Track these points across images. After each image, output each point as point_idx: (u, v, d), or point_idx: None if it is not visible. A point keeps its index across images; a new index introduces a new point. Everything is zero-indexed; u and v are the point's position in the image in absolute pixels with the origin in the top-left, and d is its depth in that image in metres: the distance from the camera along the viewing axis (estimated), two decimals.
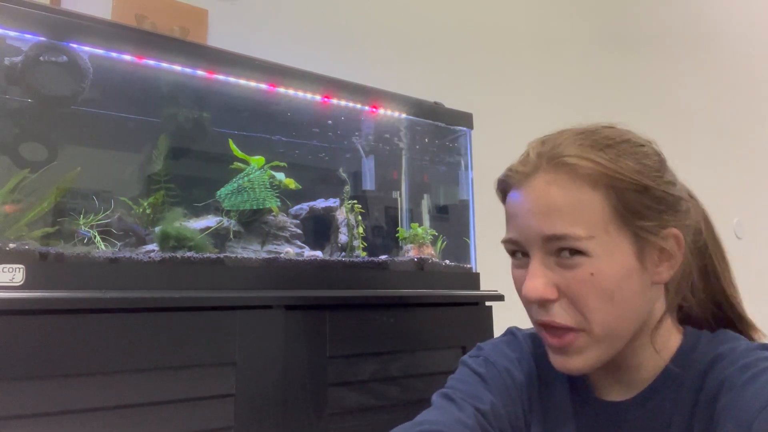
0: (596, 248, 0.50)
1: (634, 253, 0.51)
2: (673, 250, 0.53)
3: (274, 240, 1.00)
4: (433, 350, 1.00)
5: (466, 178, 1.33)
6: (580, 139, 0.54)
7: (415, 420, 0.56)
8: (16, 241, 0.72)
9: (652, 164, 0.53)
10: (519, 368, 0.64)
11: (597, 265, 0.50)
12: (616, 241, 0.51)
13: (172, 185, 0.94)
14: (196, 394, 0.73)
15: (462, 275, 1.14)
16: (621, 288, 0.51)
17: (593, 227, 0.50)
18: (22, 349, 0.63)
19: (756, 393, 0.46)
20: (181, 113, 1.00)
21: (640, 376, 0.56)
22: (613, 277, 0.51)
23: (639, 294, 0.52)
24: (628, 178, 0.51)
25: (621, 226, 0.51)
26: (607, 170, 0.51)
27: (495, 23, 1.96)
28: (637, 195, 0.51)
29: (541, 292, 0.52)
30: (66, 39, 0.81)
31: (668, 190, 0.53)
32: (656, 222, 0.52)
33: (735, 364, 0.50)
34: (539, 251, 0.53)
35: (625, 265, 0.51)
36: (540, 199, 0.53)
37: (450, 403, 0.58)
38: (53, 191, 0.81)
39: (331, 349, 0.86)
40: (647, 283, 0.53)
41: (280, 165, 1.03)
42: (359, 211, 1.15)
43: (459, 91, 1.75)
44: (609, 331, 0.52)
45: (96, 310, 0.68)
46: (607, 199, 0.51)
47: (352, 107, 1.15)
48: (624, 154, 0.52)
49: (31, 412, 0.63)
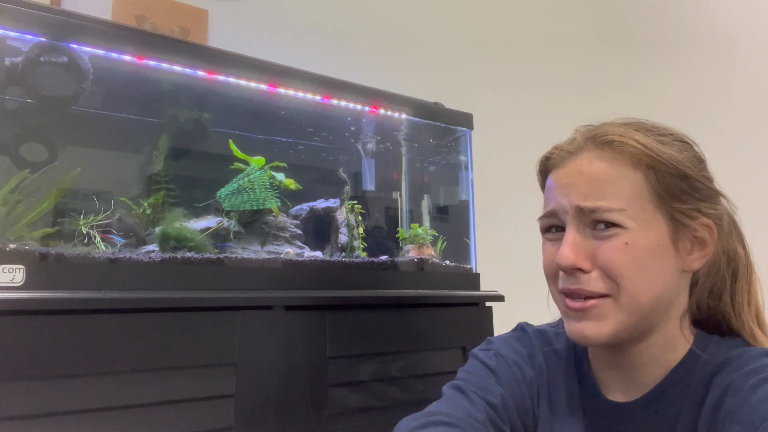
0: (631, 222, 0.52)
1: (669, 234, 0.53)
2: (707, 240, 0.54)
3: (275, 240, 1.00)
4: (433, 351, 1.00)
5: (466, 178, 1.33)
6: (627, 124, 0.56)
7: (427, 410, 0.56)
8: (17, 241, 0.72)
9: (693, 156, 0.56)
10: (529, 363, 0.64)
11: (631, 236, 0.52)
12: (652, 218, 0.53)
13: (173, 186, 0.94)
14: (197, 394, 0.73)
15: (462, 276, 1.14)
16: (654, 261, 0.52)
17: (630, 202, 0.52)
18: (22, 350, 0.63)
19: (762, 399, 0.45)
20: (181, 114, 1.01)
21: (648, 377, 0.56)
22: (647, 249, 0.52)
23: (668, 274, 0.53)
24: (669, 162, 0.53)
25: (659, 206, 0.53)
26: (650, 151, 0.53)
27: (495, 24, 1.96)
28: (676, 179, 0.53)
29: (573, 259, 0.53)
30: (66, 39, 0.81)
31: (707, 183, 0.55)
32: (693, 208, 0.54)
33: (741, 369, 0.50)
34: (576, 222, 0.54)
35: (659, 241, 0.53)
36: (582, 173, 0.54)
37: (461, 396, 0.58)
38: (53, 192, 0.81)
39: (331, 349, 0.86)
40: (678, 267, 0.54)
41: (281, 165, 1.03)
42: (359, 211, 1.15)
43: (459, 92, 1.75)
44: (635, 301, 0.53)
45: (96, 311, 0.68)
46: (647, 178, 0.53)
47: (352, 108, 1.15)
48: (666, 143, 0.55)
49: (32, 412, 0.63)
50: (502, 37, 1.97)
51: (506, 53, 1.97)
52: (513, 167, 1.26)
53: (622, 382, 0.58)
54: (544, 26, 2.10)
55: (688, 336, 0.57)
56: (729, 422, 0.47)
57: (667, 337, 0.56)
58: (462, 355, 1.03)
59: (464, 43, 1.87)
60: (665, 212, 0.53)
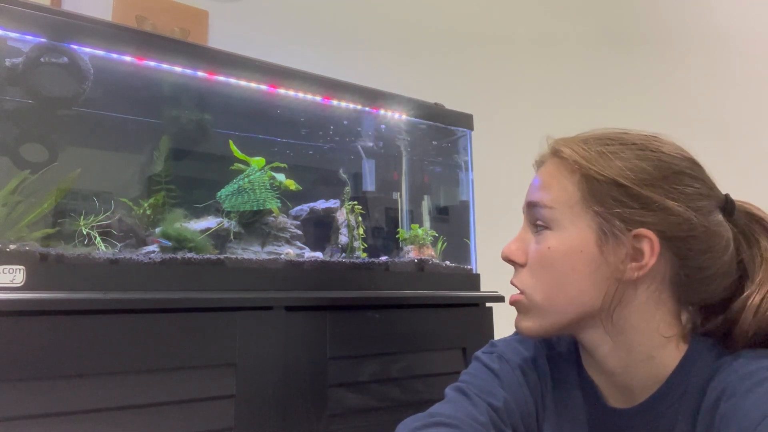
0: (557, 224, 0.56)
1: (595, 241, 0.54)
2: (645, 251, 0.53)
3: (275, 241, 1.00)
4: (433, 351, 1.00)
5: (467, 179, 1.33)
6: (585, 135, 0.59)
7: (429, 411, 0.56)
8: (17, 242, 0.72)
9: (646, 167, 0.54)
10: (532, 367, 0.64)
11: (555, 239, 0.56)
12: (578, 224, 0.55)
13: (173, 186, 0.94)
14: (197, 395, 0.73)
15: (462, 276, 1.14)
16: (570, 266, 0.55)
17: (559, 203, 0.56)
18: (23, 351, 0.63)
19: (756, 402, 0.45)
20: (181, 114, 1.01)
21: (642, 387, 0.56)
22: (565, 254, 0.55)
23: (589, 279, 0.55)
24: (601, 172, 0.55)
25: (584, 209, 0.55)
26: (582, 159, 0.56)
27: (495, 24, 1.96)
28: (607, 187, 0.54)
29: (506, 251, 0.60)
30: (67, 40, 0.81)
31: (651, 193, 0.53)
32: (628, 218, 0.53)
33: (737, 372, 0.49)
34: (526, 219, 0.61)
35: (580, 246, 0.55)
36: (537, 178, 0.61)
37: (464, 398, 0.58)
38: (54, 192, 0.81)
39: (332, 350, 0.86)
40: (609, 276, 0.54)
41: (281, 166, 1.03)
42: (359, 212, 1.15)
43: (459, 93, 1.75)
44: (548, 303, 0.56)
45: (96, 312, 0.68)
46: (580, 186, 0.56)
47: (352, 108, 1.15)
48: (613, 153, 0.56)
49: (32, 413, 0.63)
50: (503, 37, 1.97)
51: (506, 54, 1.97)
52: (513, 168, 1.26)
53: (616, 388, 0.58)
54: (545, 27, 2.10)
55: (680, 345, 0.55)
56: (725, 426, 0.47)
57: (643, 349, 0.55)
58: (462, 356, 1.03)
59: (464, 44, 1.87)
60: (594, 220, 0.55)
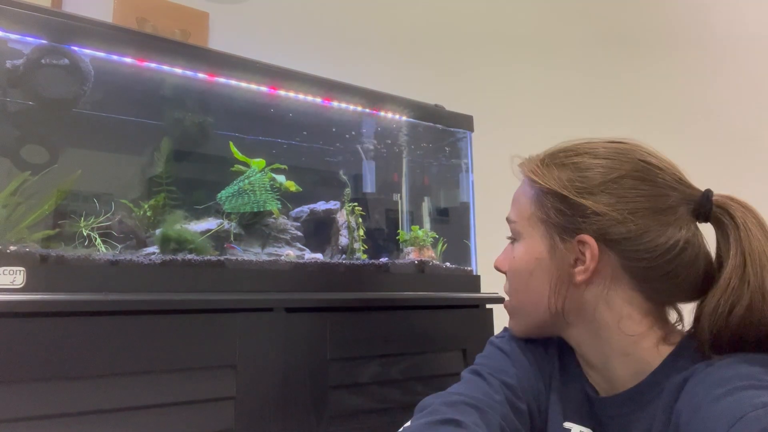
0: (520, 236, 0.64)
1: (547, 248, 0.60)
2: (585, 256, 0.57)
3: (275, 242, 1.00)
4: (433, 353, 0.99)
5: (467, 180, 1.33)
6: (550, 149, 0.65)
7: (448, 390, 0.59)
8: (17, 243, 0.72)
9: (587, 176, 0.58)
10: (542, 350, 0.68)
11: (518, 251, 0.64)
12: (534, 234, 0.62)
13: (173, 188, 0.94)
14: (197, 396, 0.73)
15: (463, 278, 1.14)
16: (531, 273, 0.62)
17: (520, 217, 0.64)
18: (23, 352, 0.63)
19: (722, 411, 0.44)
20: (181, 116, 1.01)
21: (623, 382, 0.57)
22: (525, 262, 0.62)
23: (546, 284, 0.60)
24: (543, 183, 0.60)
25: (537, 221, 0.61)
26: (533, 175, 0.62)
27: (495, 26, 1.97)
28: (552, 198, 0.60)
29: (495, 262, 0.69)
30: (67, 42, 0.81)
31: (584, 200, 0.57)
32: (571, 226, 0.58)
33: (709, 377, 0.49)
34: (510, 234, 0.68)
35: (536, 254, 0.61)
36: None
37: (479, 378, 0.62)
38: (54, 194, 0.81)
39: (332, 351, 0.86)
40: (560, 278, 0.59)
41: (281, 167, 1.03)
42: (360, 213, 1.15)
43: (460, 94, 1.75)
44: (521, 306, 0.65)
45: (96, 313, 0.68)
46: (535, 197, 0.62)
47: (352, 110, 1.15)
48: (561, 165, 0.60)
49: (32, 414, 0.62)
50: (503, 39, 1.98)
51: (507, 55, 1.97)
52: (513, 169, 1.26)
53: (604, 381, 0.61)
54: (545, 29, 2.10)
55: (661, 344, 0.56)
56: None
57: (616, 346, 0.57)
58: (463, 357, 1.02)
59: (465, 46, 1.87)
60: (542, 226, 0.61)
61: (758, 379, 0.46)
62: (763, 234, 0.53)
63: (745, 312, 0.50)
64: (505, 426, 0.56)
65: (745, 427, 0.41)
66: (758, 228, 0.53)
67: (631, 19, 2.42)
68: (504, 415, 0.57)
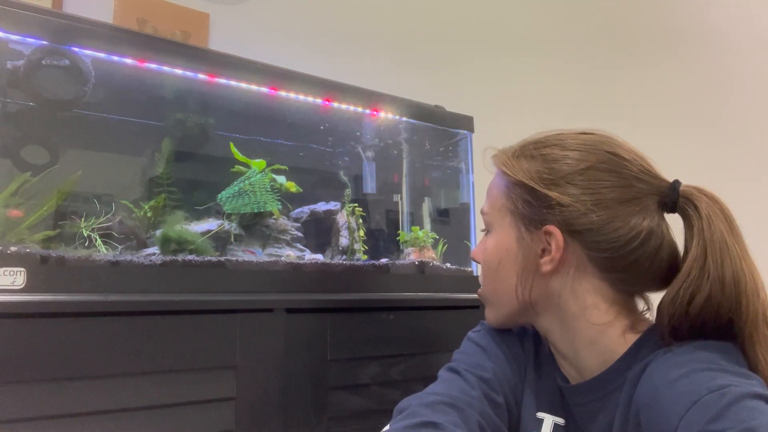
0: (491, 226, 0.65)
1: (515, 238, 0.61)
2: (551, 246, 0.58)
3: (275, 243, 1.00)
4: (433, 353, 0.99)
5: (467, 181, 1.33)
6: (522, 141, 0.65)
7: (424, 391, 0.59)
8: (18, 244, 0.72)
9: (558, 169, 0.59)
10: (518, 343, 0.68)
11: (490, 241, 0.64)
12: (504, 224, 0.63)
13: (174, 188, 0.94)
14: (197, 397, 0.73)
15: (463, 278, 1.14)
16: (500, 263, 0.63)
17: (492, 208, 0.65)
18: (23, 353, 0.63)
19: (680, 395, 0.45)
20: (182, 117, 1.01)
21: (591, 371, 0.58)
22: (495, 253, 0.63)
23: (515, 273, 0.61)
24: (512, 174, 0.61)
25: (506, 212, 0.62)
26: (504, 167, 0.63)
27: (496, 26, 1.97)
28: (519, 189, 0.61)
29: (472, 254, 0.70)
30: (68, 43, 0.81)
31: (549, 191, 0.58)
32: (533, 217, 0.59)
33: (667, 362, 0.50)
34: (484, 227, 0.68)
35: (505, 245, 0.62)
36: None
37: (455, 375, 0.62)
38: (54, 194, 0.81)
39: (332, 352, 0.86)
40: (528, 268, 0.60)
41: (281, 168, 1.03)
42: (360, 214, 1.15)
43: (460, 95, 1.75)
44: (492, 295, 0.65)
45: (97, 314, 0.68)
46: (505, 188, 0.63)
47: (353, 110, 1.15)
48: (530, 157, 0.61)
49: (32, 415, 0.62)
50: (503, 39, 1.98)
51: (507, 56, 1.97)
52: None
53: (573, 369, 0.61)
54: (545, 29, 2.10)
55: (627, 333, 0.57)
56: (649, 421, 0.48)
57: (584, 334, 0.58)
58: None
59: (465, 46, 1.87)
60: (514, 220, 0.61)
61: (714, 362, 0.48)
62: (726, 226, 0.53)
63: (705, 302, 0.51)
64: (483, 422, 0.57)
65: (701, 410, 0.43)
66: (722, 220, 0.53)
67: (632, 18, 2.42)
68: (481, 411, 0.57)
